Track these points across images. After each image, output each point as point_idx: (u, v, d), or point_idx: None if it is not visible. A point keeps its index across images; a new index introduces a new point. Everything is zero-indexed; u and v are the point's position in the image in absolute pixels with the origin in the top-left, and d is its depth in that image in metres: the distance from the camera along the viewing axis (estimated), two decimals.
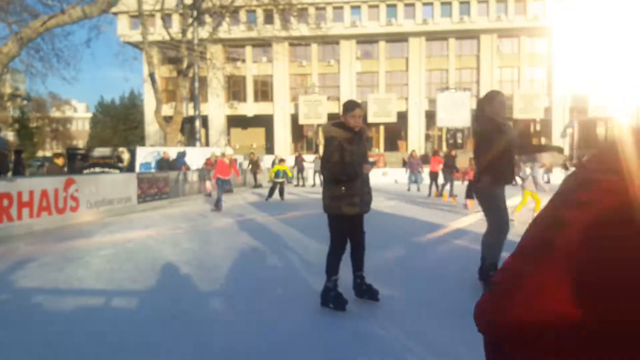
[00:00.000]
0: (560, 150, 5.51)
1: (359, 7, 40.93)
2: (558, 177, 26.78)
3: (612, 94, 36.81)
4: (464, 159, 21.21)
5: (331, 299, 4.36)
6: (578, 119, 38.37)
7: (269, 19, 35.46)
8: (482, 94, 36.00)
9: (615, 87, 36.71)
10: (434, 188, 17.79)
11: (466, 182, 14.49)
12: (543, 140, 42.37)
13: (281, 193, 16.41)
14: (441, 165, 17.67)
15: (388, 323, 4.04)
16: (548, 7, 38.96)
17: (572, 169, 5.74)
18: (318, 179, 26.41)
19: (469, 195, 13.70)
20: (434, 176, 17.92)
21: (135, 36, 35.08)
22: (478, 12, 39.87)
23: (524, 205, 10.37)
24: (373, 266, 6.33)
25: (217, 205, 13.12)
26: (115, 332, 3.88)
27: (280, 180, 16.18)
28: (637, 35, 36.33)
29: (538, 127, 42.78)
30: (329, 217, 4.45)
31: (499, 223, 5.01)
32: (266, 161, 28.37)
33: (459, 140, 38.02)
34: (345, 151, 4.29)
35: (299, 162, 27.08)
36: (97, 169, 21.36)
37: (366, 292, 4.64)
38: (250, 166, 24.68)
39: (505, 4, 39.56)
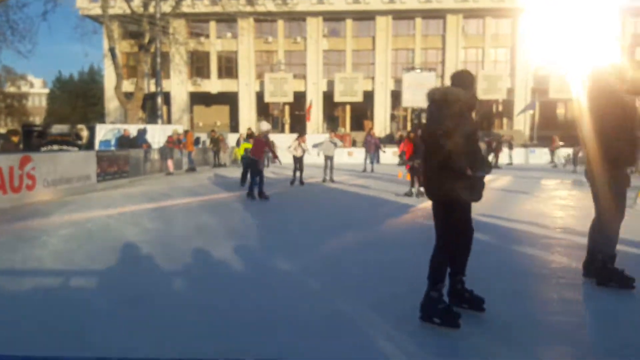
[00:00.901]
0: None
1: None
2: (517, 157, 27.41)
3: (573, 75, 37.66)
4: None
5: (439, 312, 3.50)
6: (539, 100, 39.18)
7: None
8: (447, 74, 36.41)
9: (575, 69, 37.57)
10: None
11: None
12: (505, 121, 43.19)
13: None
14: None
15: (351, 299, 4.05)
16: None
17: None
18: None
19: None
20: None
21: (95, 9, 33.77)
22: None
23: None
24: (323, 256, 6.37)
25: (252, 193, 10.94)
26: (74, 314, 3.78)
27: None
28: (596, 20, 37.21)
29: (500, 108, 43.51)
30: (439, 205, 3.63)
31: (613, 210, 4.38)
32: (231, 140, 27.93)
33: (424, 121, 38.33)
34: (467, 120, 3.52)
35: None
36: (55, 147, 20.66)
37: (469, 300, 3.79)
38: (212, 145, 24.13)
39: None
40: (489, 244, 6.35)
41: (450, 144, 3.37)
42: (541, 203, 10.59)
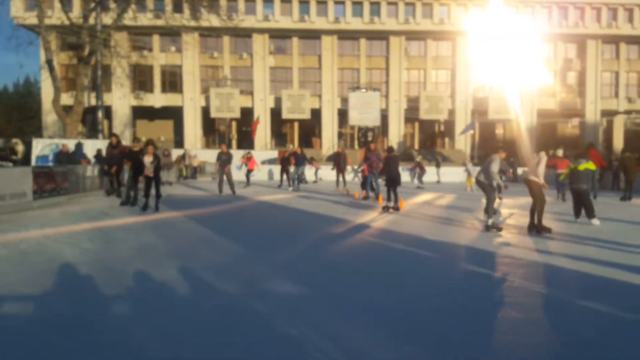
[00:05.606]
0: None
1: (271, 1, 40.71)
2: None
3: (510, 98, 39.52)
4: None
5: None
6: (479, 121, 40.76)
7: (177, 8, 34.28)
8: (391, 94, 37.60)
9: (512, 92, 39.45)
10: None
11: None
12: (446, 141, 44.57)
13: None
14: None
15: (298, 322, 4.05)
16: (453, 12, 41.02)
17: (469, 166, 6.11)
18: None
19: (363, 187, 15.78)
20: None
21: (31, 18, 32.54)
22: (388, 13, 41.09)
23: None
24: (279, 263, 6.36)
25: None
26: (7, 341, 3.58)
27: None
28: (530, 44, 39.25)
29: (442, 128, 44.94)
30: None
31: None
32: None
33: (370, 139, 39.04)
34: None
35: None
36: None
37: None
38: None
39: (414, 7, 41.10)
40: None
41: None
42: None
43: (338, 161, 19.61)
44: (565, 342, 3.78)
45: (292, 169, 20.56)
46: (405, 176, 27.62)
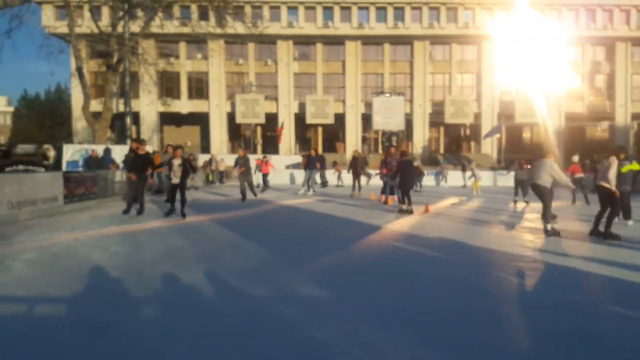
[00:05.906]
0: None
1: (295, 8, 40.99)
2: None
3: (536, 101, 38.94)
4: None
5: None
6: (505, 124, 40.24)
7: (203, 16, 34.76)
8: (416, 99, 37.38)
9: (539, 95, 38.87)
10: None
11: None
12: (472, 145, 44.08)
13: None
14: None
15: (325, 326, 4.07)
16: (478, 16, 40.67)
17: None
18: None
19: (383, 191, 15.87)
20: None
21: (61, 28, 33.34)
22: (412, 18, 40.95)
23: None
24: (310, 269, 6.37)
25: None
26: (37, 343, 3.68)
27: None
28: (556, 47, 38.64)
29: (468, 132, 44.49)
30: None
31: None
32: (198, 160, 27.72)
33: (394, 143, 38.90)
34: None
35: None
36: (21, 167, 20.14)
37: None
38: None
39: (438, 11, 40.89)
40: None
41: None
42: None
43: (354, 166, 19.66)
44: (587, 346, 3.72)
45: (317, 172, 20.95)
46: (430, 180, 27.96)
